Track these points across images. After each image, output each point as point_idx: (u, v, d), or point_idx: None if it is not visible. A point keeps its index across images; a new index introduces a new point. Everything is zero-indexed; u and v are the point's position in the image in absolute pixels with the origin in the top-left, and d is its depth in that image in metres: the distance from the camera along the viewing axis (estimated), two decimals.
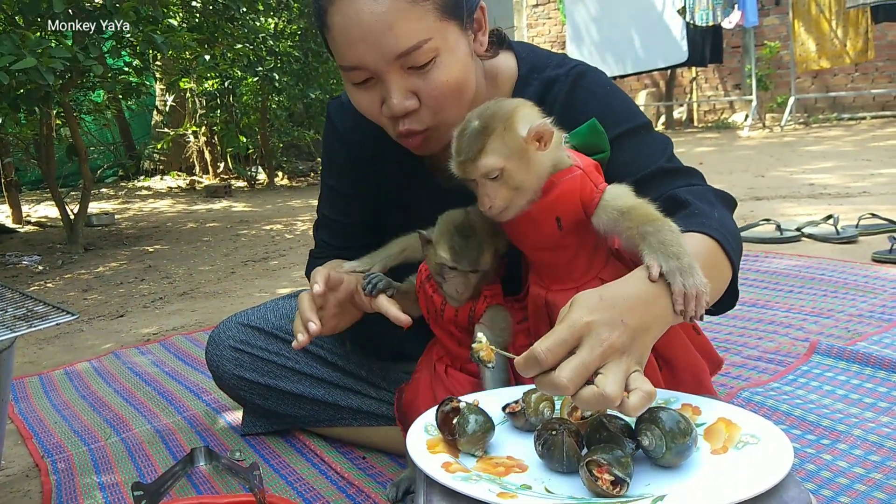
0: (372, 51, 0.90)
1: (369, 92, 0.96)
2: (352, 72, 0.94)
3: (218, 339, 1.31)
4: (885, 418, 1.23)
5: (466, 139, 0.87)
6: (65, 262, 3.66)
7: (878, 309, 1.79)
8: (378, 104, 0.96)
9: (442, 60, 0.93)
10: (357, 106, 0.99)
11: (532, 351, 0.70)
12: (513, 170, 0.86)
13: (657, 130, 1.11)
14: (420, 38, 0.90)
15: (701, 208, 0.93)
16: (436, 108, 0.95)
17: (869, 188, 3.65)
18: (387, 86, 0.93)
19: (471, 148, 0.86)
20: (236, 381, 1.30)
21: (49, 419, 1.60)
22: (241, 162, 7.36)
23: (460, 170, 0.88)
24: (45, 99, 3.18)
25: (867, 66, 7.57)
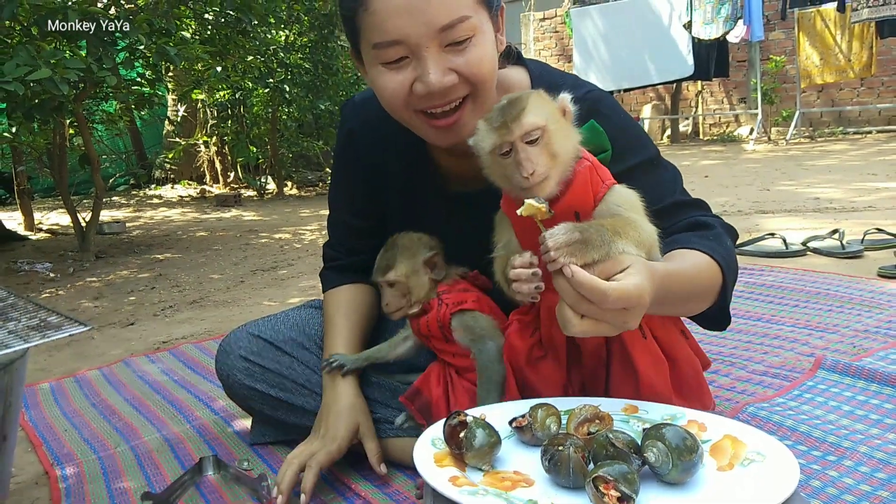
0: (416, 22, 0.92)
1: (401, 73, 0.96)
2: (389, 49, 0.94)
3: (229, 349, 1.32)
4: (892, 435, 1.23)
5: (504, 107, 0.89)
6: (76, 270, 3.70)
7: (884, 325, 1.79)
8: (408, 86, 0.96)
9: (478, 40, 0.96)
10: (383, 90, 0.99)
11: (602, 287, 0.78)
12: (553, 132, 0.88)
13: (665, 160, 1.15)
14: (462, 14, 0.94)
15: (718, 234, 1.03)
16: (475, 81, 0.97)
17: (874, 203, 3.65)
18: (424, 62, 0.94)
19: (511, 110, 0.88)
20: (246, 391, 1.31)
21: (59, 427, 1.62)
22: (251, 172, 7.42)
23: (500, 133, 0.88)
24: (58, 109, 3.23)
25: (873, 81, 7.58)
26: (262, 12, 4.03)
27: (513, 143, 0.87)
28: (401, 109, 1.00)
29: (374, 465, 1.16)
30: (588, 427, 0.85)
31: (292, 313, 1.39)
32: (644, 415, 0.91)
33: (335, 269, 1.33)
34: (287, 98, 5.77)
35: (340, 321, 1.25)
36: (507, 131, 0.87)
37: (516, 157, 0.87)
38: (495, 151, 0.89)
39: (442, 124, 0.99)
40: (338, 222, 1.32)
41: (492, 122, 0.89)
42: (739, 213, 3.71)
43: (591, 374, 1.01)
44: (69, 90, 2.94)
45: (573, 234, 0.82)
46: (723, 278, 0.99)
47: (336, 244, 1.34)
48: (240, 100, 6.36)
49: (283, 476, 1.11)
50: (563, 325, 0.82)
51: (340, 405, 1.17)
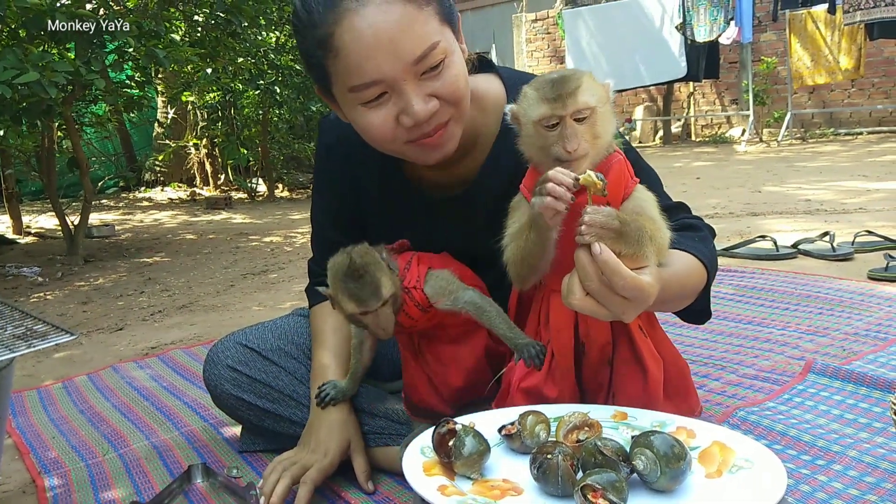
0: (390, 59, 0.92)
1: (382, 109, 0.97)
2: (366, 90, 0.95)
3: (216, 359, 1.31)
4: (880, 439, 1.23)
5: (557, 81, 0.90)
6: (64, 274, 3.67)
7: (873, 327, 1.80)
8: (392, 120, 0.97)
9: (450, 61, 0.97)
10: (368, 129, 0.99)
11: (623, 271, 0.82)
12: (599, 114, 0.91)
13: (646, 162, 1.15)
14: (432, 41, 0.94)
15: (704, 236, 1.09)
16: (455, 102, 0.98)
17: (865, 204, 3.67)
18: (405, 95, 0.94)
19: (566, 85, 0.89)
20: (234, 400, 1.30)
21: (47, 434, 1.60)
22: (242, 174, 7.39)
23: (552, 106, 0.89)
24: (47, 112, 3.21)
25: (863, 83, 7.64)
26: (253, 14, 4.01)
27: (562, 117, 0.89)
28: (389, 143, 1.01)
29: (362, 483, 1.16)
30: (577, 434, 0.84)
31: (280, 322, 1.38)
32: (633, 421, 0.91)
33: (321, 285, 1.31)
34: (278, 100, 5.75)
35: (329, 337, 1.24)
36: (562, 105, 0.89)
37: (563, 131, 0.89)
38: (542, 122, 0.90)
39: (432, 142, 1.00)
40: (320, 238, 1.30)
41: (544, 93, 0.90)
42: (731, 215, 3.72)
43: (594, 373, 1.01)
44: (57, 93, 2.92)
45: (613, 221, 0.84)
46: (707, 279, 1.05)
47: (320, 260, 1.29)
48: (230, 101, 6.34)
49: (276, 488, 1.09)
50: (566, 293, 0.85)
51: (332, 419, 1.16)
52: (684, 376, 1.09)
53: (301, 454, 1.15)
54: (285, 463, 1.13)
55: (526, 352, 1.00)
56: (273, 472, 1.12)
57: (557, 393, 0.99)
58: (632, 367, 0.99)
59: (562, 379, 0.99)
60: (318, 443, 1.15)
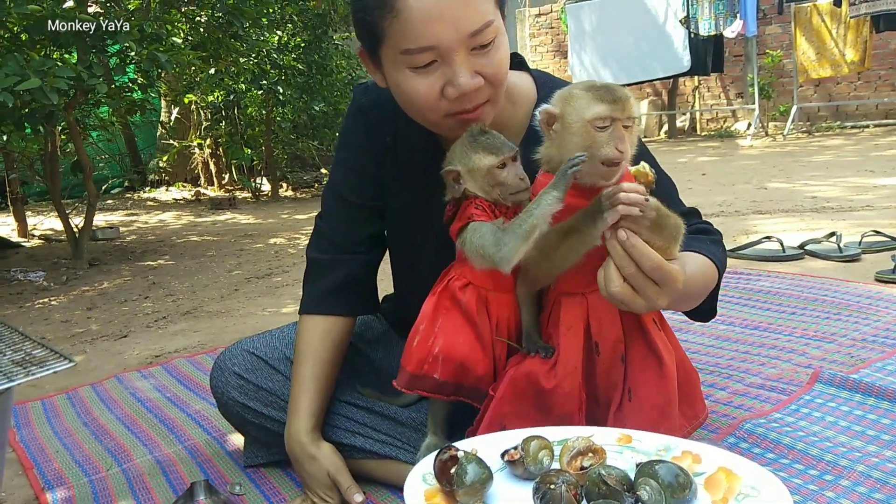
0: (450, 28, 0.95)
1: (430, 77, 0.99)
2: (420, 54, 0.97)
3: (223, 366, 1.31)
4: (889, 452, 1.22)
5: (608, 86, 0.94)
6: (69, 278, 3.68)
7: (881, 333, 1.78)
8: (438, 90, 1.00)
9: (500, 42, 1.01)
10: (412, 94, 1.01)
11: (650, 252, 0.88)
12: (637, 126, 0.96)
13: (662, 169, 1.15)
14: (488, 18, 0.97)
15: (717, 240, 1.14)
16: (496, 84, 1.02)
17: (872, 201, 3.64)
18: (455, 66, 0.97)
19: (622, 91, 0.93)
20: (240, 408, 1.29)
21: (50, 448, 1.60)
22: (246, 173, 7.39)
23: (611, 107, 0.91)
24: (49, 117, 3.21)
25: (870, 75, 7.57)
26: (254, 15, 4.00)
27: (615, 120, 0.91)
28: (429, 112, 1.03)
29: (350, 499, 1.16)
30: (581, 461, 0.83)
31: (287, 329, 1.37)
32: (638, 445, 0.89)
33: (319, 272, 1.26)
34: (281, 99, 5.74)
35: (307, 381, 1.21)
36: (621, 108, 0.92)
37: (615, 133, 0.91)
38: (594, 121, 0.92)
39: (471, 118, 1.04)
40: (335, 195, 1.26)
41: (599, 95, 0.92)
42: (737, 213, 3.69)
43: (608, 372, 1.01)
44: (59, 99, 2.92)
45: (651, 211, 0.87)
46: (717, 280, 1.09)
47: (327, 215, 1.28)
48: (233, 101, 6.33)
49: None
50: (604, 283, 0.89)
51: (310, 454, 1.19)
52: (692, 381, 1.08)
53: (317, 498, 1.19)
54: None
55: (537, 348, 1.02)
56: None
57: (553, 385, 0.99)
58: (647, 359, 1.00)
59: (566, 376, 0.99)
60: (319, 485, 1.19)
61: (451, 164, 1.04)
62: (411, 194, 1.23)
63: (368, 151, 1.24)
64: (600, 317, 1.01)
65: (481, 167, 1.01)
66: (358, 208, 1.26)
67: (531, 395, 1.01)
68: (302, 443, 1.19)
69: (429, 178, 1.15)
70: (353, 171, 1.26)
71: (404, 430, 1.24)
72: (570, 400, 1.00)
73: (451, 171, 1.04)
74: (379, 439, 1.24)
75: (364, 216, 1.26)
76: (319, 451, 1.19)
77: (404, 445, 1.22)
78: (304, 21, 5.73)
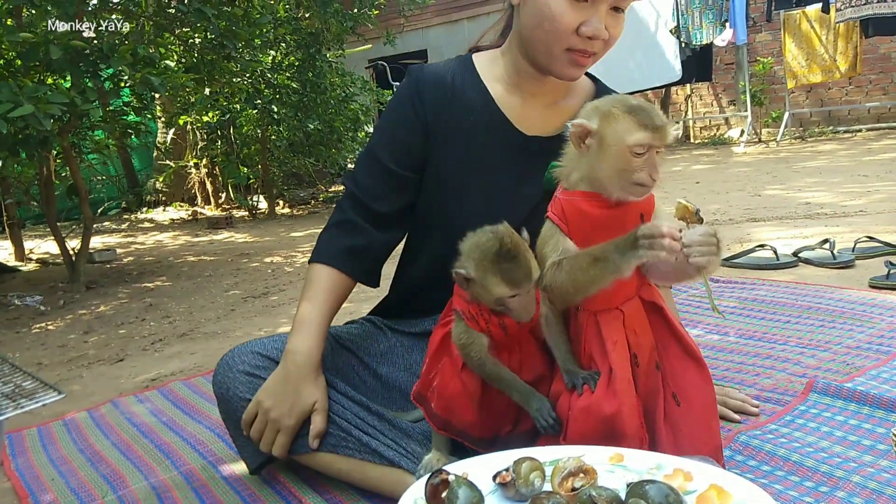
0: None
1: (578, 10, 1.14)
2: None
3: (231, 363, 1.30)
4: (884, 462, 1.22)
5: (649, 110, 0.97)
6: (66, 302, 3.67)
7: (875, 340, 1.78)
8: (577, 22, 1.14)
9: (624, 15, 1.20)
10: (558, 14, 1.14)
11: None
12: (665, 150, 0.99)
13: None
14: None
15: None
16: (610, 43, 1.20)
17: (865, 206, 3.65)
18: (598, 14, 1.14)
19: (662, 117, 0.97)
20: (245, 404, 1.27)
21: (46, 476, 1.60)
22: (243, 191, 7.41)
23: (654, 135, 0.95)
24: (44, 143, 3.21)
25: (861, 80, 7.62)
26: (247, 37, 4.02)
27: (652, 147, 0.94)
28: (559, 37, 1.16)
29: (310, 439, 1.21)
30: (572, 482, 0.83)
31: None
32: (630, 464, 0.89)
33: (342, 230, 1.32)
34: (276, 118, 5.77)
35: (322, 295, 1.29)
36: (660, 136, 0.95)
37: (651, 161, 0.95)
38: (634, 148, 0.94)
39: (580, 60, 1.18)
40: (371, 160, 1.32)
41: (642, 120, 0.94)
42: (731, 221, 3.70)
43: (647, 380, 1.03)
44: (53, 124, 2.93)
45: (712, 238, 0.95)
46: None
47: (363, 189, 1.32)
48: (228, 121, 6.36)
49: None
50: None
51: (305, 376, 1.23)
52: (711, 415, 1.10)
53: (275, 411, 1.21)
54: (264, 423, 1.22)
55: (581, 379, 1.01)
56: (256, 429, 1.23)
57: (616, 407, 0.98)
58: (686, 362, 1.03)
59: (623, 393, 0.99)
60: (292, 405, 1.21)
61: (464, 268, 1.01)
62: (459, 156, 1.29)
63: (418, 121, 1.29)
64: (635, 328, 1.03)
65: (493, 293, 1.00)
66: (394, 175, 1.31)
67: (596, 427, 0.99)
68: (309, 361, 1.22)
69: (496, 141, 1.27)
70: (397, 138, 1.31)
71: (409, 441, 1.24)
72: (632, 418, 0.99)
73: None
74: (385, 442, 1.24)
75: (399, 184, 1.31)
76: (321, 379, 1.24)
77: (407, 455, 1.22)
78: (298, 40, 5.77)
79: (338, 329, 1.43)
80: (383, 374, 1.39)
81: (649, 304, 1.06)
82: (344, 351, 1.38)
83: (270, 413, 1.21)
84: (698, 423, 1.00)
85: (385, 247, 1.34)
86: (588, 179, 1.00)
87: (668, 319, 1.06)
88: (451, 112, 1.28)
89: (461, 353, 1.05)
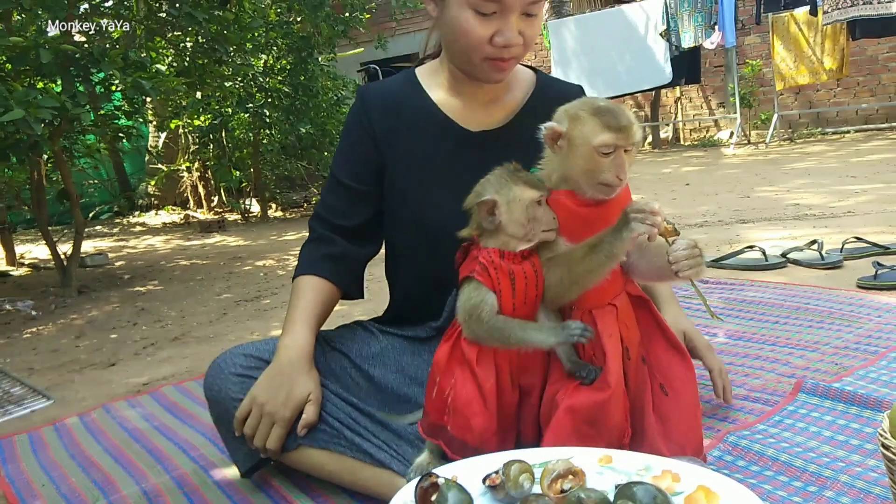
0: None
1: (486, 24, 1.19)
2: (488, 3, 1.16)
3: (223, 366, 1.31)
4: (872, 461, 1.23)
5: (616, 111, 0.99)
6: (58, 307, 3.65)
7: (863, 340, 1.80)
8: (489, 34, 1.19)
9: (540, 17, 1.23)
10: (468, 31, 1.19)
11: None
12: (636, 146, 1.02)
13: None
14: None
15: None
16: (527, 47, 1.23)
17: (853, 207, 3.68)
18: (509, 23, 1.18)
19: (628, 117, 0.99)
20: (237, 404, 1.27)
21: (37, 482, 1.59)
22: (235, 195, 7.39)
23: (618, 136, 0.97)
24: (34, 147, 3.21)
25: (849, 81, 7.68)
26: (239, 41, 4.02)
27: (618, 147, 0.96)
28: (474, 50, 1.21)
29: (299, 428, 1.22)
30: (561, 483, 0.84)
31: None
32: (619, 465, 0.90)
33: (318, 248, 1.38)
34: (268, 122, 5.76)
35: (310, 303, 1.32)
36: (625, 137, 0.97)
37: (617, 161, 0.97)
38: (600, 148, 0.97)
39: (500, 66, 1.24)
40: (333, 182, 1.40)
41: (607, 121, 0.97)
42: (720, 223, 3.73)
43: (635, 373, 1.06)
44: (43, 129, 2.92)
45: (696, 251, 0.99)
46: None
47: (327, 208, 1.40)
48: (220, 125, 6.35)
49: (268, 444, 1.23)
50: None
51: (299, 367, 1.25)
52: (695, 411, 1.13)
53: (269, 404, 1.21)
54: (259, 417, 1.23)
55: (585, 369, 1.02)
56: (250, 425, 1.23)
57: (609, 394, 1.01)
58: (671, 353, 1.08)
59: (616, 384, 1.02)
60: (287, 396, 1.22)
61: (486, 195, 1.04)
62: (410, 162, 1.34)
63: (367, 136, 1.36)
64: (626, 321, 1.06)
65: (523, 199, 1.02)
66: (353, 191, 1.37)
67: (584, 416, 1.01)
68: (302, 355, 1.25)
69: (440, 142, 1.33)
70: (351, 157, 1.38)
71: (401, 443, 1.24)
72: (618, 409, 1.02)
73: (486, 202, 1.03)
74: (377, 444, 1.24)
75: (359, 199, 1.38)
76: (314, 371, 1.26)
77: (398, 457, 1.22)
78: (289, 44, 5.78)
79: (329, 332, 1.44)
80: (375, 376, 1.40)
81: (635, 298, 1.09)
82: (336, 353, 1.39)
83: (265, 406, 1.21)
84: (686, 412, 1.03)
85: (360, 255, 1.40)
86: (565, 179, 1.04)
87: (654, 312, 1.10)
88: (398, 122, 1.35)
89: (468, 325, 1.03)
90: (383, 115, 1.36)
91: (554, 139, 1.02)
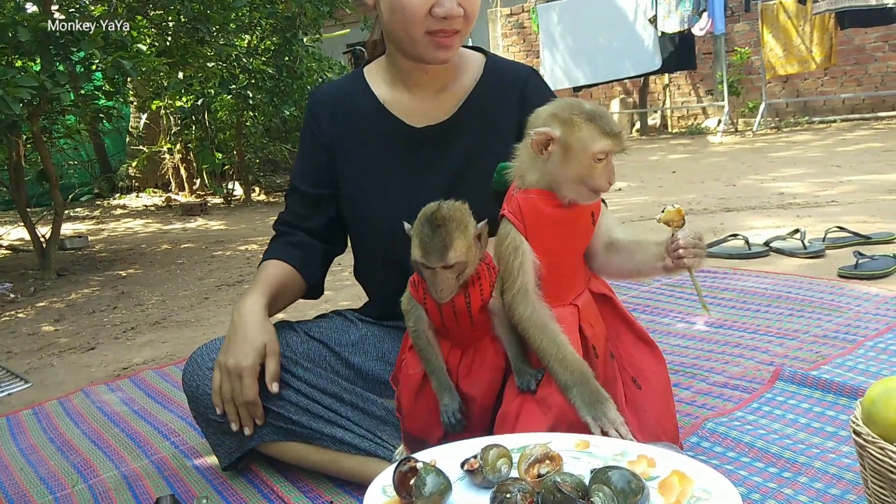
0: None
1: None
2: None
3: (200, 361, 1.30)
4: (846, 448, 1.25)
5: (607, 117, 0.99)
6: (37, 290, 3.61)
7: (842, 329, 1.82)
8: (427, 7, 1.17)
9: None
10: (406, 5, 1.17)
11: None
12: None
13: None
14: None
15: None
16: (469, 19, 1.22)
17: (837, 197, 3.71)
18: None
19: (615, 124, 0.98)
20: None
21: (15, 465, 1.58)
22: (217, 178, 7.31)
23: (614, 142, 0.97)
24: (12, 127, 3.14)
25: (836, 71, 7.72)
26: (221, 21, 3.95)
27: (612, 152, 0.97)
28: (414, 26, 1.19)
29: (268, 384, 1.23)
30: (538, 468, 0.84)
31: None
32: (595, 450, 0.91)
33: (282, 239, 1.41)
34: (251, 103, 5.69)
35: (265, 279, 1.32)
36: (619, 142, 0.97)
37: (609, 166, 0.98)
38: (597, 154, 0.97)
39: (443, 42, 1.21)
40: (295, 191, 1.42)
41: (602, 127, 0.96)
42: (705, 211, 3.75)
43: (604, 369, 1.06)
44: (22, 109, 2.86)
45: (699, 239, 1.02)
46: None
47: (289, 213, 1.42)
48: (203, 106, 6.26)
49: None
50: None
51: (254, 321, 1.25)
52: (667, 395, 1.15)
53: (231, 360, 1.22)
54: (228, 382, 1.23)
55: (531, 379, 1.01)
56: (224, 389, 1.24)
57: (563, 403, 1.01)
58: (639, 346, 1.09)
59: None
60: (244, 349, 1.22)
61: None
62: (359, 165, 1.34)
63: (318, 144, 1.37)
64: (590, 320, 1.05)
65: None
66: (312, 196, 1.39)
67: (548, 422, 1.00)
68: (255, 311, 1.25)
69: (389, 140, 1.32)
70: (306, 163, 1.40)
71: (386, 427, 1.25)
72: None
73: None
74: (360, 433, 1.24)
75: (317, 203, 1.39)
76: (268, 324, 1.26)
77: (383, 443, 1.23)
78: (273, 24, 5.68)
79: (307, 323, 1.43)
80: (356, 364, 1.39)
81: (599, 295, 1.10)
82: (315, 342, 1.38)
83: (228, 363, 1.22)
84: (659, 402, 1.05)
85: (323, 250, 1.41)
86: (545, 182, 1.01)
87: (619, 308, 1.11)
88: (346, 125, 1.36)
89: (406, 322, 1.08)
90: (331, 121, 1.36)
91: (544, 144, 0.98)
